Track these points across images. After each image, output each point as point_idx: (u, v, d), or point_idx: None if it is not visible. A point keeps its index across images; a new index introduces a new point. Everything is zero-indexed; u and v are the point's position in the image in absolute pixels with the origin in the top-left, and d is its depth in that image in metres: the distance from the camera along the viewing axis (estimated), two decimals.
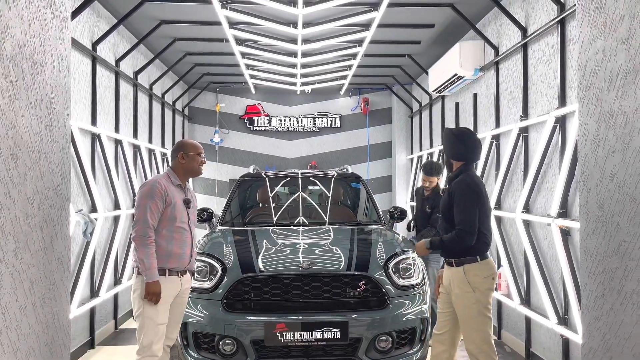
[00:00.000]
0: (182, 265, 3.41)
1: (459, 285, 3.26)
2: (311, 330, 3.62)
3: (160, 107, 7.65)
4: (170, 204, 3.32)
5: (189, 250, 3.45)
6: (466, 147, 3.32)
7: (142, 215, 3.24)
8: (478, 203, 3.25)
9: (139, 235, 3.24)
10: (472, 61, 5.75)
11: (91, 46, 5.01)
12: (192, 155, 3.47)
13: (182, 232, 3.39)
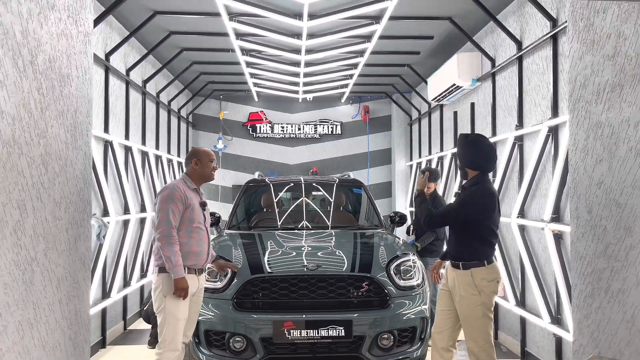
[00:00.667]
0: (200, 262, 3.60)
1: (465, 288, 3.36)
2: (317, 328, 3.82)
3: (167, 115, 7.86)
4: (189, 206, 3.52)
5: (207, 248, 3.65)
6: (481, 155, 3.40)
7: (165, 217, 3.43)
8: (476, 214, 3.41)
9: (163, 235, 3.42)
10: (469, 72, 5.98)
11: (104, 57, 5.23)
12: (205, 162, 3.68)
13: (199, 232, 3.58)
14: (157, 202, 3.54)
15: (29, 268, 2.75)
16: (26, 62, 2.74)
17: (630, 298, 2.97)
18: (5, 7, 2.53)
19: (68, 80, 3.23)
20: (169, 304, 3.43)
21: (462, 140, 3.47)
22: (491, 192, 3.48)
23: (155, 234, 3.49)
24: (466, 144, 3.44)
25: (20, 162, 2.67)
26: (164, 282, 3.46)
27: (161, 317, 3.47)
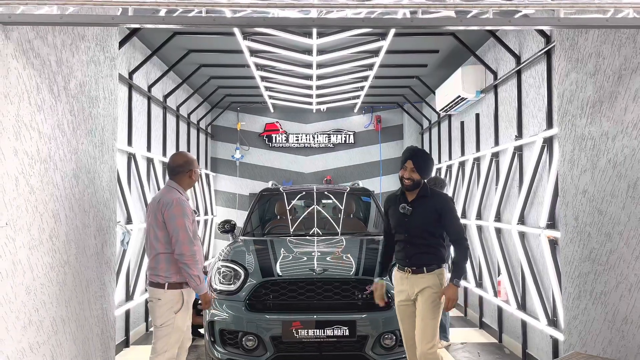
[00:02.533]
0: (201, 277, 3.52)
1: (433, 288, 3.50)
2: (323, 328, 4.10)
3: (186, 127, 8.26)
4: (193, 221, 3.47)
5: (201, 262, 3.56)
6: (431, 168, 3.67)
7: (185, 235, 3.34)
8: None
9: (188, 255, 3.34)
10: (473, 84, 6.23)
11: (128, 75, 5.62)
12: (195, 171, 3.61)
13: (198, 243, 3.51)
14: (171, 218, 3.35)
15: (62, 270, 3.11)
16: (60, 87, 3.10)
17: (611, 299, 3.19)
18: (43, 41, 2.90)
19: (96, 102, 3.60)
20: (179, 319, 3.41)
21: (423, 152, 3.68)
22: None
23: (179, 252, 3.34)
24: (426, 156, 3.67)
25: (55, 176, 3.03)
26: (177, 298, 3.40)
27: (165, 330, 3.38)
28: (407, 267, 3.56)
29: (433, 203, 3.57)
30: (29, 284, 2.73)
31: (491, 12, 2.49)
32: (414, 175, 3.52)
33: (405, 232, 3.59)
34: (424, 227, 3.55)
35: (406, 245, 3.58)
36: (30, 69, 2.74)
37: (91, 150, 3.49)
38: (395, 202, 3.64)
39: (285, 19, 2.62)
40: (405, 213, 3.56)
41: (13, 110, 2.60)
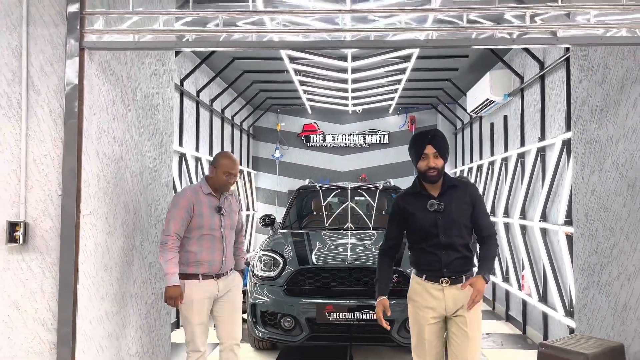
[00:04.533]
0: (213, 270, 3.48)
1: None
2: (353, 312, 4.54)
3: (230, 128, 8.85)
4: (196, 214, 3.42)
5: (220, 256, 3.49)
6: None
7: (166, 224, 3.42)
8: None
9: (161, 243, 3.40)
10: (501, 88, 6.52)
11: (180, 82, 6.21)
12: (219, 172, 3.49)
13: (211, 239, 3.45)
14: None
15: (131, 253, 3.67)
16: (129, 98, 3.67)
17: (614, 288, 3.52)
18: (117, 60, 3.47)
19: (157, 109, 4.16)
20: (183, 308, 3.43)
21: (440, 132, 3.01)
22: None
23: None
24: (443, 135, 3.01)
25: (125, 173, 3.60)
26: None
27: (182, 320, 3.55)
28: (444, 277, 2.90)
29: (464, 192, 2.95)
30: (106, 263, 3.29)
31: (497, 33, 2.87)
32: (438, 162, 2.87)
33: (441, 234, 2.89)
34: (461, 222, 2.90)
35: (441, 251, 2.90)
36: (107, 84, 3.30)
37: (153, 152, 4.05)
38: (416, 201, 2.96)
39: (323, 42, 3.05)
40: (438, 210, 2.88)
41: (95, 119, 3.16)
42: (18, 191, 3.01)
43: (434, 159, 2.86)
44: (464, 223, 2.93)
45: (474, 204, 2.95)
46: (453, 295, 2.91)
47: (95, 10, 3.05)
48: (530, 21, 2.87)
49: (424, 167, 2.89)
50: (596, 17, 2.85)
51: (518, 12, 2.96)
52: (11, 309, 3.00)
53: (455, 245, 2.91)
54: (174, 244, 3.36)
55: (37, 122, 3.03)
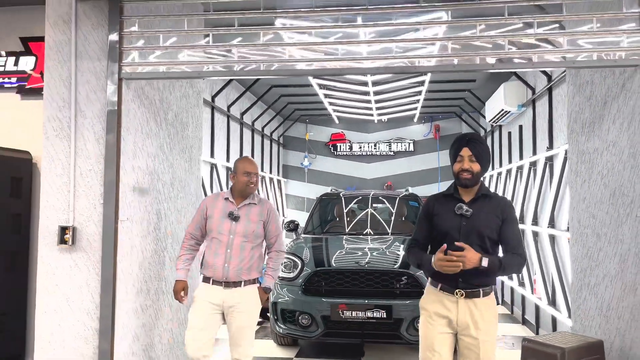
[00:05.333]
0: (216, 275, 3.46)
1: (489, 319, 2.79)
2: (364, 310, 4.91)
3: (260, 138, 9.37)
4: (209, 217, 3.53)
5: (222, 261, 3.44)
6: (490, 158, 3.11)
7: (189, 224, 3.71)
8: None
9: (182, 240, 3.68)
10: (515, 99, 6.77)
11: (211, 99, 6.76)
12: (239, 175, 3.53)
13: (217, 244, 3.47)
14: None
15: (162, 254, 4.17)
16: (162, 118, 4.19)
17: (600, 290, 3.78)
18: (151, 86, 3.99)
19: (186, 127, 4.68)
20: (192, 306, 3.53)
21: (480, 137, 2.94)
22: None
23: None
24: (484, 141, 2.93)
25: (158, 184, 4.11)
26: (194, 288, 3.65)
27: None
28: (459, 289, 2.77)
29: (497, 204, 2.85)
30: (140, 262, 3.80)
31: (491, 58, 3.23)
32: (474, 166, 2.79)
33: (463, 238, 2.76)
34: (486, 233, 2.77)
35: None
36: (142, 107, 3.82)
37: (183, 164, 4.56)
38: (446, 203, 2.88)
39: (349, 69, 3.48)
40: (464, 214, 2.78)
41: (131, 138, 3.68)
42: (68, 200, 3.55)
43: (469, 162, 2.79)
44: (489, 235, 2.79)
45: (504, 219, 2.81)
46: (467, 310, 2.76)
47: (131, 46, 3.58)
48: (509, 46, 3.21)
49: (458, 169, 2.83)
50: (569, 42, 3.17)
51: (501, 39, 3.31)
52: (62, 300, 3.54)
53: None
54: (187, 242, 3.57)
55: (84, 141, 3.57)
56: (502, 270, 2.75)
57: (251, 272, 3.51)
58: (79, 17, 3.59)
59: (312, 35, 3.75)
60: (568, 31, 3.11)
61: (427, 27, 3.52)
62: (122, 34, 3.56)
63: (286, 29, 3.78)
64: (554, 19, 3.16)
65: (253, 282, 3.53)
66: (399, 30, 3.57)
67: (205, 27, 4.14)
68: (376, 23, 3.49)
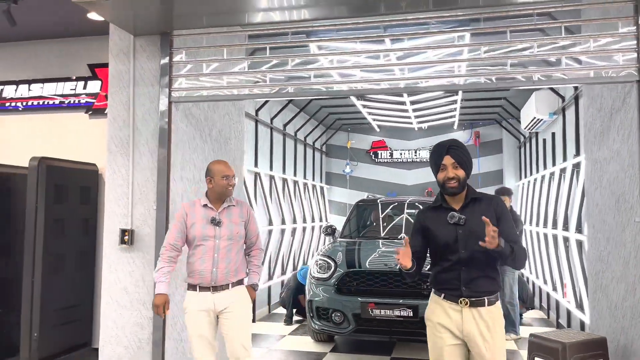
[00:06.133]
0: (204, 281, 3.43)
1: (496, 329, 2.69)
2: (392, 309, 5.27)
3: (303, 147, 9.89)
4: (191, 224, 3.48)
5: (210, 266, 3.42)
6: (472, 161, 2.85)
7: (166, 235, 3.56)
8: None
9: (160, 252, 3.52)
10: (546, 107, 6.93)
11: (255, 113, 7.33)
12: (217, 179, 3.49)
13: (203, 250, 3.44)
14: None
15: None
16: (206, 135, 4.73)
17: (609, 291, 4.01)
18: (196, 106, 4.54)
19: (229, 142, 5.22)
20: (185, 317, 3.49)
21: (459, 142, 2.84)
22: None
23: None
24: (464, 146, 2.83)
25: (203, 192, 4.62)
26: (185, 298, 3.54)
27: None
28: (463, 297, 2.69)
29: (488, 205, 2.76)
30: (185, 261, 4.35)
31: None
32: (459, 173, 2.72)
33: (462, 248, 2.70)
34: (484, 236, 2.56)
35: (462, 268, 2.69)
36: (189, 125, 4.39)
37: None
38: (438, 215, 2.79)
39: (384, 89, 3.89)
40: (458, 223, 2.70)
41: (180, 152, 4.25)
42: (127, 207, 4.15)
43: (453, 169, 2.71)
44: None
45: (499, 218, 2.72)
46: (472, 320, 2.66)
47: (179, 73, 4.15)
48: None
49: (443, 178, 2.74)
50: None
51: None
52: (122, 292, 4.13)
53: (477, 262, 2.66)
54: (167, 254, 3.46)
55: (140, 156, 4.16)
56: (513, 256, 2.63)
57: (238, 273, 3.52)
58: (136, 50, 4.20)
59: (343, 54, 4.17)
60: (567, 51, 3.39)
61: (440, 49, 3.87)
62: (172, 63, 4.13)
63: (321, 54, 4.24)
64: (552, 41, 3.45)
65: (240, 282, 3.55)
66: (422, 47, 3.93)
67: (246, 53, 4.67)
68: (412, 50, 3.82)
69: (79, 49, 5.83)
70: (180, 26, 4.06)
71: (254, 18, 3.83)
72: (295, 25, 3.89)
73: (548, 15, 4.12)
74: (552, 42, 3.40)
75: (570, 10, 3.80)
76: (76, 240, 5.14)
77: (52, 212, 4.82)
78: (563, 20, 3.59)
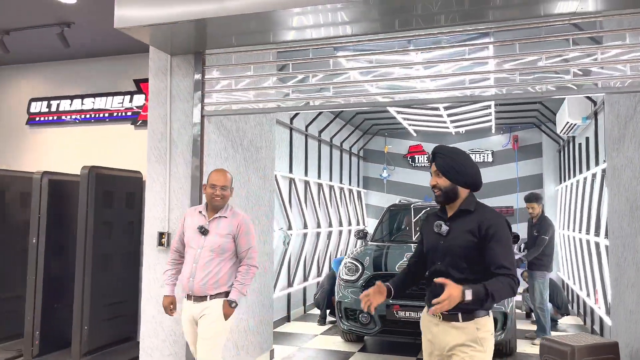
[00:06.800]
0: (184, 289, 3.48)
1: (469, 344, 2.49)
2: (416, 311, 5.43)
3: (339, 153, 10.15)
4: (184, 229, 3.58)
5: (188, 274, 3.43)
6: (466, 169, 2.60)
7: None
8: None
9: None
10: (578, 112, 6.90)
11: (289, 121, 7.65)
12: (206, 187, 3.53)
13: (188, 257, 3.50)
14: None
15: None
16: (237, 145, 5.07)
17: (626, 296, 4.06)
18: (228, 119, 4.89)
19: (260, 150, 5.54)
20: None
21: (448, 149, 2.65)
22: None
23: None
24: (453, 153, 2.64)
25: (235, 198, 4.98)
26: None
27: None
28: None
29: (474, 220, 2.53)
30: None
31: None
32: (440, 181, 2.58)
33: (439, 260, 2.59)
34: (458, 252, 2.51)
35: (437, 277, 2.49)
36: (221, 137, 4.74)
37: (257, 181, 5.43)
38: (432, 221, 2.69)
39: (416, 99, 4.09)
40: (440, 233, 2.58)
41: (212, 161, 4.60)
42: (165, 212, 4.54)
43: (436, 177, 2.59)
44: (464, 254, 2.50)
45: (483, 236, 2.46)
46: (446, 333, 2.54)
47: (211, 89, 4.50)
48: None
49: (430, 186, 2.64)
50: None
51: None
52: (160, 290, 4.52)
53: (451, 277, 2.42)
54: (171, 257, 3.60)
55: (176, 165, 4.55)
56: (492, 298, 2.36)
57: (219, 287, 3.42)
58: (172, 69, 4.59)
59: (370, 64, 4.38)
60: (574, 62, 3.50)
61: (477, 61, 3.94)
62: (204, 80, 4.49)
63: (348, 69, 4.50)
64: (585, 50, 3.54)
65: (221, 295, 3.44)
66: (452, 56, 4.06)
67: (277, 66, 4.98)
68: (452, 58, 3.96)
69: (126, 65, 6.33)
70: (212, 46, 4.41)
71: (281, 37, 4.10)
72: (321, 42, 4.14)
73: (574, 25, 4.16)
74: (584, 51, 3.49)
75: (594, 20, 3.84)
76: (122, 241, 5.61)
77: (101, 215, 5.29)
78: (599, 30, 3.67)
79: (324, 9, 3.48)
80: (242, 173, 5.13)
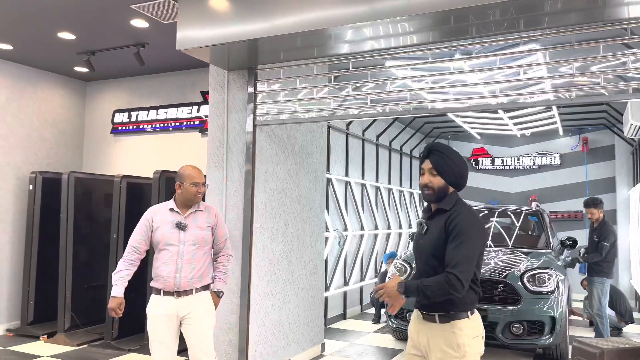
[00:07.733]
0: (167, 286, 3.42)
1: (444, 349, 2.45)
2: None
3: (399, 157, 10.33)
4: (156, 229, 3.48)
5: (173, 271, 3.41)
6: (461, 169, 2.58)
7: (130, 237, 3.52)
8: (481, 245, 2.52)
9: (124, 254, 3.50)
10: None
11: (346, 127, 7.98)
12: (187, 185, 3.51)
13: (167, 254, 3.43)
14: None
15: (289, 254, 5.45)
16: (289, 151, 5.48)
17: None
18: (279, 127, 5.30)
19: (311, 155, 5.93)
20: (148, 321, 3.47)
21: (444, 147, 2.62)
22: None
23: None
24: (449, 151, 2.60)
25: (285, 200, 5.40)
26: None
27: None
28: (418, 309, 2.58)
29: (445, 219, 2.49)
30: (271, 258, 5.13)
31: None
32: (434, 180, 2.55)
33: (418, 258, 2.66)
34: (429, 251, 2.52)
35: (420, 277, 2.56)
36: (272, 144, 5.17)
37: (308, 184, 5.82)
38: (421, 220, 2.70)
39: (475, 106, 4.29)
40: (420, 232, 2.63)
41: (263, 167, 5.04)
42: (222, 212, 5.03)
43: (429, 176, 2.55)
44: (433, 252, 2.49)
45: (448, 234, 2.44)
46: (424, 332, 2.53)
47: (262, 101, 4.94)
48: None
49: (420, 184, 2.62)
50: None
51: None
52: None
53: (428, 275, 2.47)
54: (129, 257, 3.47)
55: (232, 170, 5.03)
56: (423, 294, 2.38)
57: (203, 279, 3.52)
58: (229, 83, 5.08)
59: (418, 71, 4.58)
60: None
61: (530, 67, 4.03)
62: (256, 93, 4.94)
63: (395, 78, 4.77)
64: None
65: (205, 288, 3.55)
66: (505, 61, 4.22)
67: (329, 76, 5.35)
68: (506, 66, 4.09)
69: (194, 78, 6.97)
70: (263, 61, 4.85)
71: (326, 51, 4.42)
72: (369, 54, 4.42)
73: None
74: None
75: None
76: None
77: None
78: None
79: (371, 24, 3.76)
80: (293, 177, 5.53)
